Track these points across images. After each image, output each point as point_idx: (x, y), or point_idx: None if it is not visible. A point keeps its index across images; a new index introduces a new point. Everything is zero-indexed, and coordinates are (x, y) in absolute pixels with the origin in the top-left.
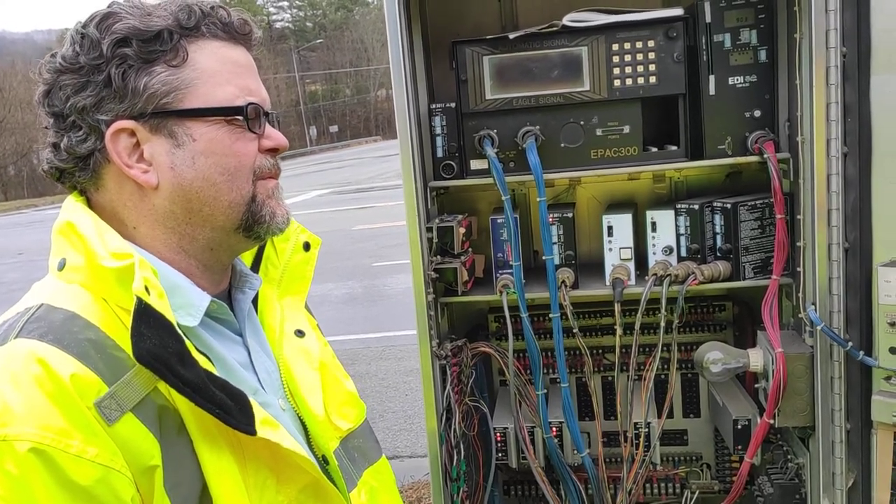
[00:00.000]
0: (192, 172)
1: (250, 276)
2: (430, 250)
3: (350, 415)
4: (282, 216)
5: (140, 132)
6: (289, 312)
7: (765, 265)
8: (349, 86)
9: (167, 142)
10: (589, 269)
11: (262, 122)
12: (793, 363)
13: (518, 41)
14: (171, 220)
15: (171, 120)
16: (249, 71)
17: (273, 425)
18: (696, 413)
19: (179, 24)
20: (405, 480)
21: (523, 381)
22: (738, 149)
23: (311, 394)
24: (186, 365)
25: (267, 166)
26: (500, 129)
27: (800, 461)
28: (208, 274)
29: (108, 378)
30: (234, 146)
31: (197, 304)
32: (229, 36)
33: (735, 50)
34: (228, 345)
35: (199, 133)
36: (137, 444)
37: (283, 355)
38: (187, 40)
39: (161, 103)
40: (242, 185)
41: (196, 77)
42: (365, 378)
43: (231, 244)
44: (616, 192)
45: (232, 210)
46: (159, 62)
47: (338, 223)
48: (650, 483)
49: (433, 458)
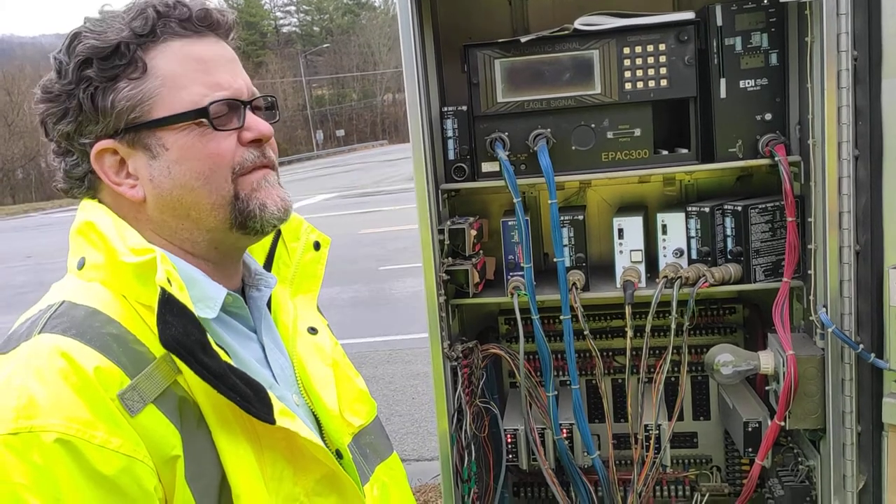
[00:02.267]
0: (170, 182)
1: (265, 275)
2: (441, 252)
3: (361, 411)
4: (275, 205)
5: (121, 149)
6: (301, 310)
7: (776, 268)
8: (356, 90)
9: (145, 155)
10: (599, 272)
11: (240, 113)
12: (804, 366)
13: (529, 44)
14: (166, 229)
15: (143, 133)
16: (218, 63)
17: (290, 416)
18: (706, 415)
19: (135, 33)
20: (413, 483)
21: (534, 383)
22: (748, 152)
23: (325, 389)
24: (208, 354)
25: (249, 159)
26: (511, 132)
27: (810, 463)
28: (219, 270)
29: (130, 371)
30: (207, 149)
31: (214, 296)
32: (191, 31)
33: (746, 53)
34: (243, 340)
35: (170, 142)
36: (160, 435)
37: (296, 352)
38: (145, 48)
39: (131, 118)
40: (221, 186)
41: (159, 85)
42: (372, 382)
43: (233, 241)
44: (626, 194)
45: (217, 211)
46: (121, 78)
47: (344, 227)
48: (660, 485)
49: (444, 459)
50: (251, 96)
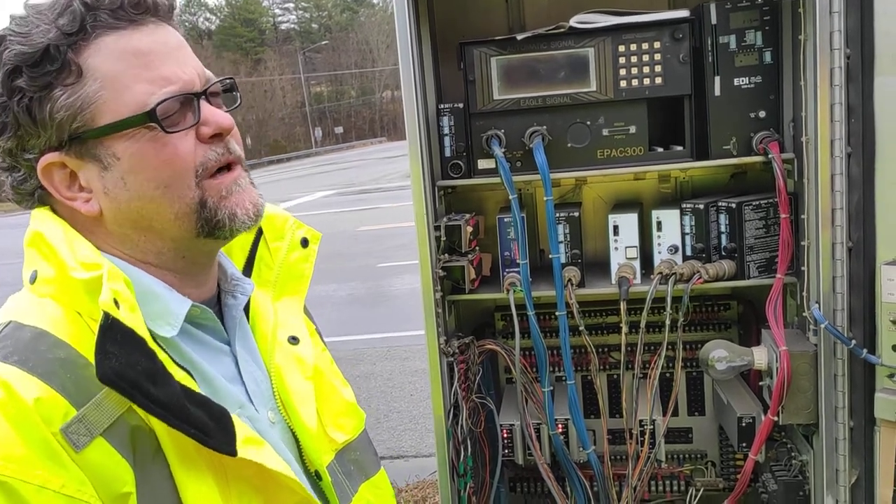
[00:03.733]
0: (126, 193)
1: (242, 280)
2: (437, 249)
3: (347, 426)
4: (245, 212)
5: (69, 162)
6: (284, 317)
7: (769, 264)
8: (354, 87)
9: (96, 166)
10: (595, 268)
11: (194, 107)
12: (797, 361)
13: (525, 42)
14: (127, 242)
15: (89, 143)
16: (162, 54)
17: (257, 443)
18: (700, 411)
19: (62, 32)
20: (410, 480)
21: (529, 379)
22: (742, 149)
23: (304, 405)
24: (159, 383)
25: (212, 158)
26: (507, 129)
27: (803, 458)
28: (188, 279)
29: (77, 400)
30: (162, 154)
31: (175, 311)
32: (126, 21)
33: (740, 51)
34: (213, 355)
35: (120, 150)
36: (109, 471)
37: (274, 364)
38: (77, 49)
39: (73, 129)
40: (185, 193)
41: (98, 88)
42: (370, 378)
43: (201, 248)
44: (622, 191)
45: (182, 221)
46: (55, 85)
47: (343, 224)
48: (655, 480)
49: (440, 454)
50: (205, 84)
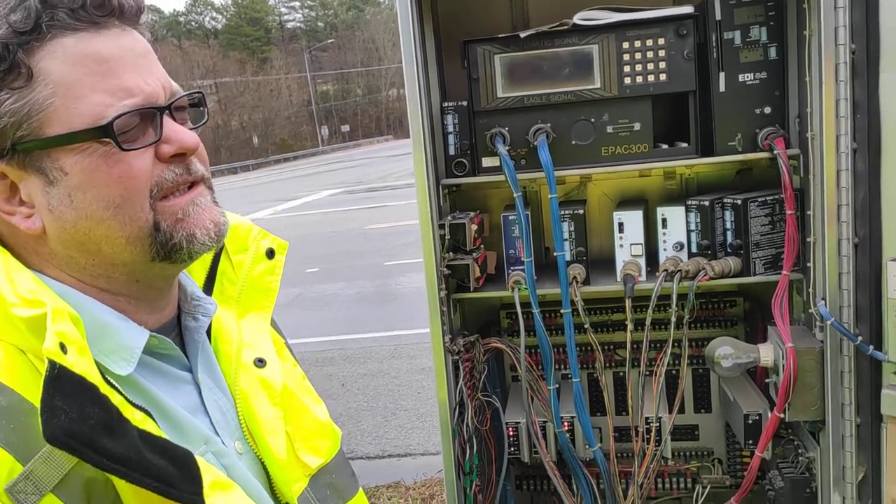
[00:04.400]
0: (73, 212)
1: (203, 300)
2: (442, 247)
3: (321, 448)
4: (205, 232)
5: (10, 172)
6: (249, 336)
7: (775, 261)
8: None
9: (40, 180)
10: (600, 266)
11: (156, 123)
12: (803, 358)
13: (529, 40)
14: (73, 265)
15: (35, 154)
16: (125, 61)
17: (225, 487)
18: (707, 408)
19: (15, 30)
20: (417, 477)
21: (535, 377)
22: (748, 145)
23: (272, 434)
24: (116, 434)
25: (169, 178)
26: (511, 127)
27: (810, 455)
28: (144, 304)
29: (23, 454)
30: (114, 172)
31: (131, 345)
32: (88, 23)
33: (745, 47)
34: (174, 385)
35: (69, 164)
36: None
37: (239, 389)
38: (29, 49)
39: (17, 136)
40: (138, 215)
41: (50, 94)
42: (377, 376)
43: (157, 273)
44: (627, 188)
45: (134, 245)
46: (2, 87)
47: (349, 222)
48: (661, 478)
49: (446, 452)
50: (171, 97)
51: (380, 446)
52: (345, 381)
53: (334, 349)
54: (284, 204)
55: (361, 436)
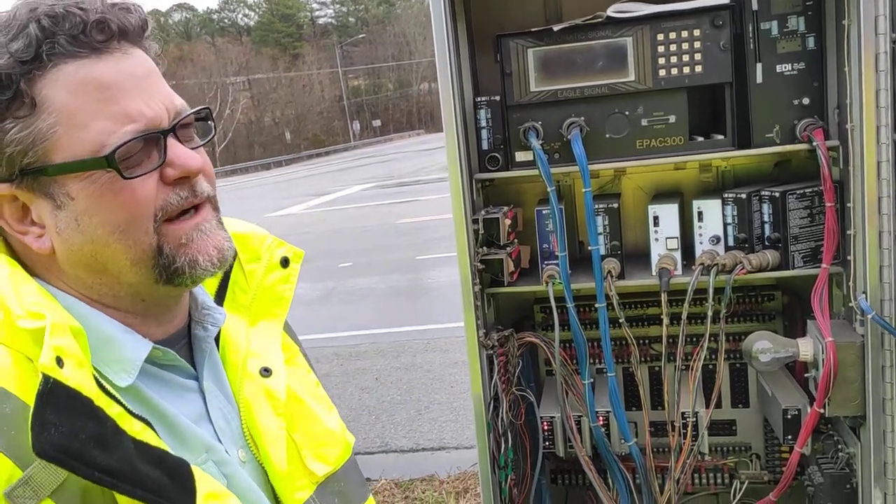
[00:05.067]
0: (80, 236)
1: (213, 309)
2: (476, 242)
3: (329, 456)
4: (207, 258)
5: (21, 195)
6: (258, 344)
7: (814, 254)
8: (392, 80)
9: (48, 203)
10: (635, 260)
11: (160, 146)
12: (843, 352)
13: (562, 33)
14: (81, 284)
15: (42, 179)
16: (127, 86)
17: (221, 497)
18: (744, 403)
19: (16, 59)
20: (451, 471)
21: (570, 371)
22: (786, 137)
23: (274, 445)
24: (108, 447)
25: (175, 202)
26: (544, 121)
27: (851, 451)
28: (150, 319)
29: (23, 460)
30: (119, 199)
31: (132, 357)
32: (88, 49)
33: (783, 37)
34: (179, 394)
35: (75, 190)
36: None
37: (244, 397)
38: (31, 79)
39: (24, 163)
40: (142, 239)
41: (54, 122)
42: (411, 370)
43: (161, 294)
44: (662, 182)
45: (139, 267)
46: (7, 116)
47: (382, 217)
48: (698, 473)
49: (481, 446)
50: (174, 118)
51: (413, 440)
52: (378, 374)
53: (367, 343)
54: (317, 199)
55: (395, 429)
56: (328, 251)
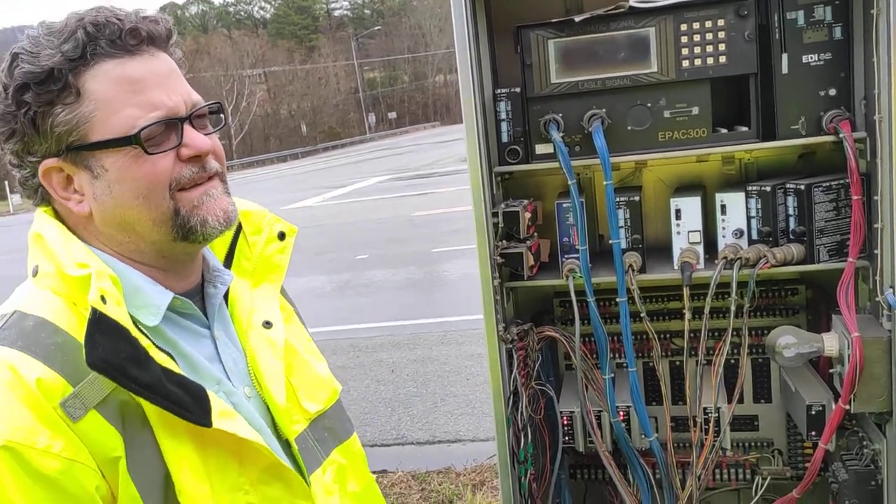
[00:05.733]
0: (112, 200)
1: (222, 271)
2: (495, 235)
3: (320, 397)
4: (216, 219)
5: (66, 167)
6: (259, 303)
7: (840, 248)
8: (407, 72)
9: (87, 174)
10: (656, 253)
11: (178, 130)
12: (869, 348)
13: (584, 24)
14: (113, 241)
15: (83, 154)
16: (152, 82)
17: (230, 415)
18: (767, 398)
19: (66, 58)
20: (468, 463)
21: (590, 366)
22: (812, 129)
23: (274, 383)
24: (142, 366)
25: (187, 176)
26: (565, 113)
27: (876, 447)
28: (171, 274)
29: (73, 379)
30: (142, 170)
31: (157, 303)
32: (123, 51)
33: (809, 27)
34: (195, 338)
35: (108, 163)
36: (101, 438)
37: (249, 345)
38: (77, 73)
39: (70, 141)
40: (160, 203)
41: (93, 109)
42: (426, 362)
43: (179, 250)
44: (684, 174)
45: (160, 226)
46: (57, 102)
47: (397, 209)
48: (720, 468)
49: (500, 441)
50: (191, 109)
51: (430, 432)
52: (394, 366)
53: (384, 335)
54: (334, 191)
55: (412, 421)
56: (344, 244)
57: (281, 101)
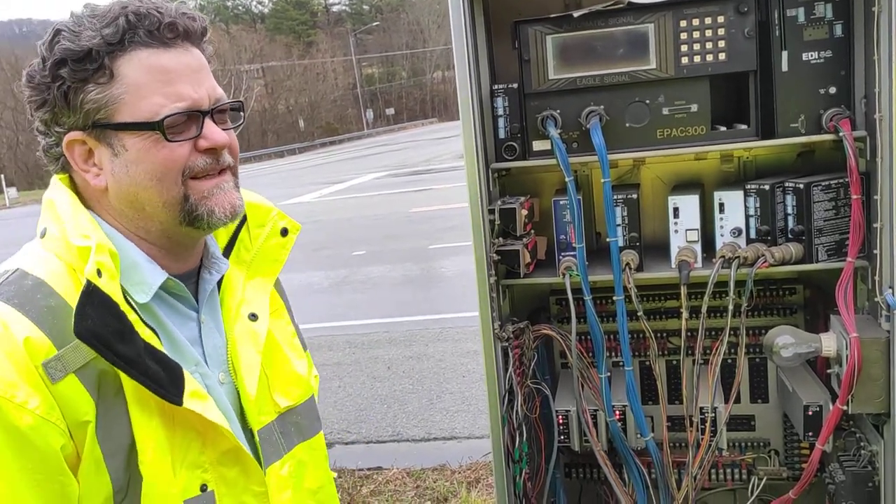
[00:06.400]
0: (128, 179)
1: (220, 259)
2: (492, 232)
3: (293, 393)
4: (223, 211)
5: (89, 141)
6: (250, 295)
7: (839, 247)
8: (405, 68)
9: (108, 151)
10: (654, 252)
11: (199, 122)
12: (868, 348)
13: (582, 19)
14: (123, 216)
15: (107, 132)
16: (182, 74)
17: (201, 397)
18: (764, 398)
19: (105, 41)
20: (463, 461)
21: (586, 364)
22: (811, 127)
23: (248, 374)
24: (126, 340)
25: (200, 165)
26: (563, 110)
27: (873, 448)
28: (171, 255)
29: (59, 342)
30: (160, 154)
31: (150, 282)
32: (159, 42)
33: (809, 24)
34: (182, 320)
35: (129, 144)
36: (75, 402)
37: (232, 334)
38: (114, 56)
39: (97, 118)
40: (172, 188)
41: (123, 92)
42: (422, 359)
43: (184, 233)
44: (682, 172)
45: (169, 209)
46: (90, 81)
47: (394, 206)
48: (716, 468)
49: (495, 439)
50: (213, 104)
51: (425, 429)
52: (390, 363)
53: (380, 332)
54: (331, 187)
55: (407, 418)
56: (341, 240)
57: (278, 96)
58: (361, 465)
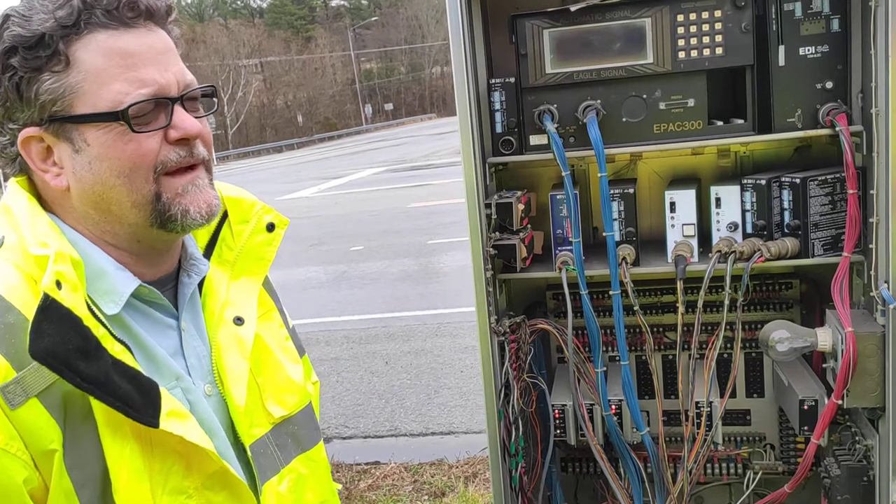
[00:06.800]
0: (91, 177)
1: (199, 261)
2: (488, 227)
3: (287, 402)
4: (198, 210)
5: (47, 137)
6: (235, 296)
7: (835, 242)
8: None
9: (68, 147)
10: (650, 246)
11: (168, 111)
12: (863, 343)
13: (579, 13)
14: (88, 219)
15: (66, 126)
16: (146, 57)
17: (181, 416)
18: (759, 393)
19: (59, 24)
20: (461, 455)
21: (582, 359)
22: (808, 122)
23: (236, 383)
24: (90, 358)
25: (173, 159)
26: (560, 104)
27: (868, 443)
28: (143, 260)
29: (17, 363)
30: (127, 148)
31: (120, 291)
32: (119, 22)
33: (806, 19)
34: (159, 329)
35: (91, 138)
36: (38, 429)
37: (217, 341)
38: (69, 41)
39: (53, 111)
40: (142, 186)
41: (81, 80)
42: (420, 355)
43: (155, 236)
44: (679, 167)
45: (138, 209)
46: (44, 70)
47: (393, 201)
48: (711, 463)
49: (491, 433)
50: (183, 90)
51: (423, 424)
52: (388, 358)
53: (378, 327)
54: (329, 182)
55: (405, 413)
56: (339, 235)
57: (277, 91)
58: (359, 460)
